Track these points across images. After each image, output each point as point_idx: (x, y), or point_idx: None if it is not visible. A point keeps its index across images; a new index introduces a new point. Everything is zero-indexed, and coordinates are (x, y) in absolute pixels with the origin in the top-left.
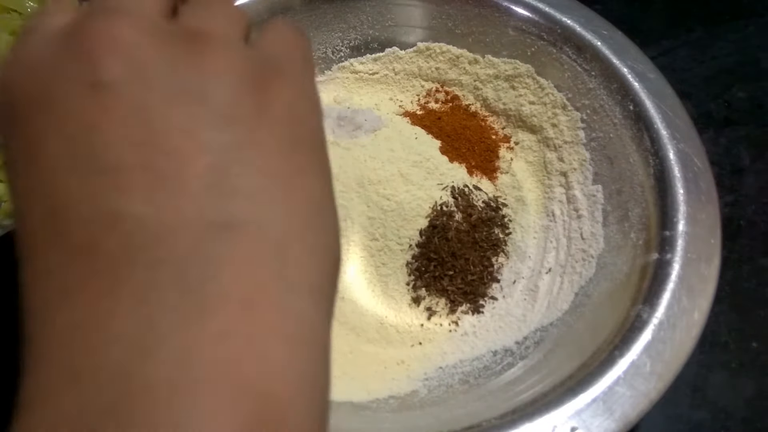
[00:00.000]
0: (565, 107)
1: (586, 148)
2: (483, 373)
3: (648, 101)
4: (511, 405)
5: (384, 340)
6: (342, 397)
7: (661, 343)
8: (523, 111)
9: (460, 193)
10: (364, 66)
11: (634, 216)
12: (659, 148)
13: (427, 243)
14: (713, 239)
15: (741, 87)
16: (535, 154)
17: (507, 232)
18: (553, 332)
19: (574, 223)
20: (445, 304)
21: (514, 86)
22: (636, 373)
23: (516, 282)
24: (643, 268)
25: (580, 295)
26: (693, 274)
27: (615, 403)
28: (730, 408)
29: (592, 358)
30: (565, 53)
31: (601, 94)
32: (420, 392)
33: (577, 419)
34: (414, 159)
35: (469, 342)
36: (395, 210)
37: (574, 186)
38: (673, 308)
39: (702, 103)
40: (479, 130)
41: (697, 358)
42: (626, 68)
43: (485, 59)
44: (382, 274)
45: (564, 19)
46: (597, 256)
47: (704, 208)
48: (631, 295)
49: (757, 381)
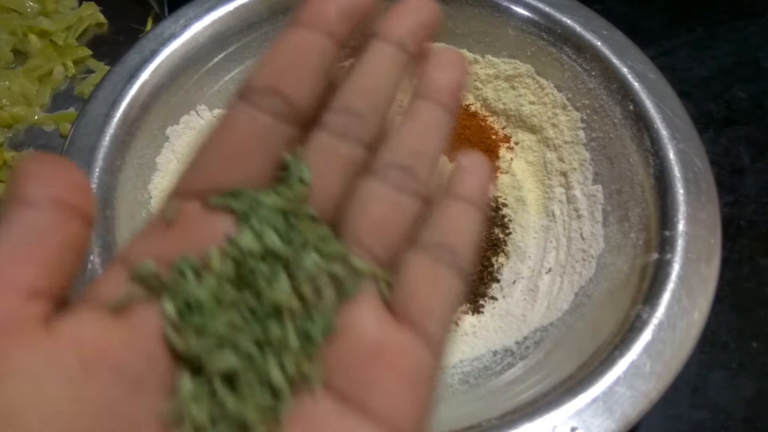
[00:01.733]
0: (565, 107)
1: (586, 148)
2: (483, 373)
3: (648, 101)
4: (511, 405)
5: None
6: None
7: (661, 343)
8: (523, 111)
9: None
10: None
11: (634, 216)
12: (659, 148)
13: None
14: (713, 239)
15: (741, 87)
16: (535, 154)
17: (507, 232)
18: (553, 332)
19: (574, 223)
20: None
21: (514, 86)
22: (636, 373)
23: (516, 282)
24: (643, 268)
25: (580, 295)
26: (693, 274)
27: (615, 403)
28: (730, 408)
29: (592, 358)
30: (565, 53)
31: (601, 94)
32: None
33: (577, 419)
34: None
35: (469, 342)
36: None
37: (574, 186)
38: (673, 308)
39: (702, 103)
40: (479, 130)
41: (697, 358)
42: (626, 68)
43: (485, 59)
44: None
45: (564, 19)
46: (597, 256)
47: (704, 208)
48: (631, 295)
49: (757, 381)
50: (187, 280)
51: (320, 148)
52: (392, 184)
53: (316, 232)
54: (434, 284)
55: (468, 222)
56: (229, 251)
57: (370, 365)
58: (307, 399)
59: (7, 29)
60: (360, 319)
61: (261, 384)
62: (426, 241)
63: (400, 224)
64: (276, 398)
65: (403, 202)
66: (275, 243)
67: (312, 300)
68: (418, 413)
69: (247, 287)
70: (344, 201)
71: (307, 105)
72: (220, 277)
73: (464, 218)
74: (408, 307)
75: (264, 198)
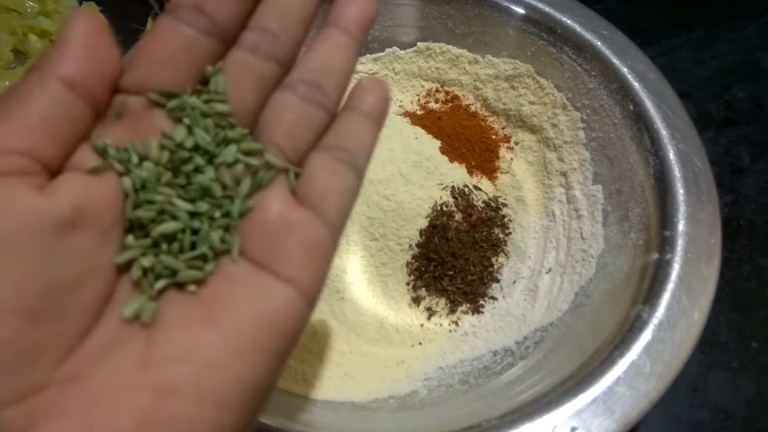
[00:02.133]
0: (565, 107)
1: (586, 148)
2: (483, 373)
3: (648, 101)
4: (511, 405)
5: (384, 340)
6: (342, 397)
7: (661, 343)
8: (523, 111)
9: (460, 193)
10: (364, 66)
11: (634, 216)
12: (659, 148)
13: (427, 243)
14: (713, 239)
15: (741, 87)
16: (535, 154)
17: (507, 232)
18: (553, 332)
19: (574, 223)
20: (445, 304)
21: (514, 86)
22: (636, 373)
23: (516, 282)
24: (643, 268)
25: (580, 295)
26: (693, 274)
27: (615, 403)
28: (730, 408)
29: (592, 358)
30: (565, 53)
31: (601, 94)
32: (420, 392)
33: (577, 419)
34: (414, 159)
35: (469, 342)
36: (395, 210)
37: (574, 186)
38: (673, 308)
39: (702, 103)
40: (479, 130)
41: (697, 358)
42: (626, 68)
43: (485, 59)
44: (382, 274)
45: (564, 19)
46: (597, 256)
47: (704, 208)
48: (631, 295)
49: (757, 381)
50: (133, 163)
51: (236, 63)
52: (301, 96)
53: (236, 132)
54: (333, 177)
55: (365, 131)
56: (165, 144)
57: (279, 238)
58: (227, 262)
59: (7, 29)
60: (271, 202)
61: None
62: (328, 144)
63: (308, 130)
64: (203, 259)
65: (311, 112)
66: (204, 139)
67: (231, 186)
68: (317, 278)
69: (181, 173)
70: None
71: (228, 23)
72: (158, 163)
73: (362, 128)
74: (310, 194)
75: (193, 101)
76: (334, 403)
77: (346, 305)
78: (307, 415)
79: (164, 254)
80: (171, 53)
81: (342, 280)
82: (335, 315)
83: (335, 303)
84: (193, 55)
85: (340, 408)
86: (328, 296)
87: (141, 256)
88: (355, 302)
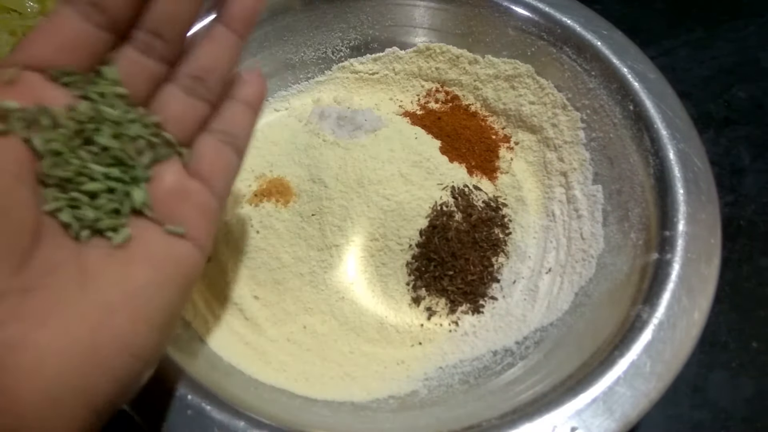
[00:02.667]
0: (565, 107)
1: (586, 148)
2: (483, 373)
3: (648, 101)
4: (511, 405)
5: (384, 340)
6: (342, 397)
7: (661, 343)
8: (523, 111)
9: (460, 193)
10: (364, 66)
11: (634, 216)
12: (659, 148)
13: (427, 243)
14: (713, 239)
15: (741, 87)
16: (535, 154)
17: (507, 232)
18: (553, 332)
19: (574, 223)
20: (445, 304)
21: (514, 86)
22: (636, 373)
23: (516, 282)
24: (643, 268)
25: (580, 295)
26: (693, 274)
27: (615, 403)
28: (730, 408)
29: (592, 358)
30: (565, 53)
31: (601, 94)
32: (420, 392)
33: (577, 419)
34: (414, 159)
35: (469, 342)
36: (395, 210)
37: (574, 186)
38: (673, 308)
39: (702, 103)
40: (479, 130)
41: (697, 358)
42: (626, 68)
43: (485, 59)
44: (382, 274)
45: (564, 19)
46: (597, 256)
47: (704, 208)
48: (631, 295)
49: (757, 381)
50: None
51: (130, 60)
52: (186, 89)
53: (137, 111)
54: (218, 156)
55: (246, 118)
56: (72, 115)
57: (178, 203)
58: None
59: (7, 29)
60: (168, 173)
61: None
62: (214, 128)
63: (192, 120)
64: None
65: (194, 104)
66: (111, 113)
67: (135, 157)
68: (209, 236)
69: (93, 143)
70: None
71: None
72: (68, 129)
73: (244, 115)
74: (200, 170)
75: (96, 80)
76: (334, 403)
77: (346, 305)
78: (307, 415)
79: (86, 206)
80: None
81: (342, 280)
82: (335, 315)
83: (335, 303)
84: (88, 44)
85: (340, 408)
86: (328, 296)
87: (67, 207)
88: (355, 302)
